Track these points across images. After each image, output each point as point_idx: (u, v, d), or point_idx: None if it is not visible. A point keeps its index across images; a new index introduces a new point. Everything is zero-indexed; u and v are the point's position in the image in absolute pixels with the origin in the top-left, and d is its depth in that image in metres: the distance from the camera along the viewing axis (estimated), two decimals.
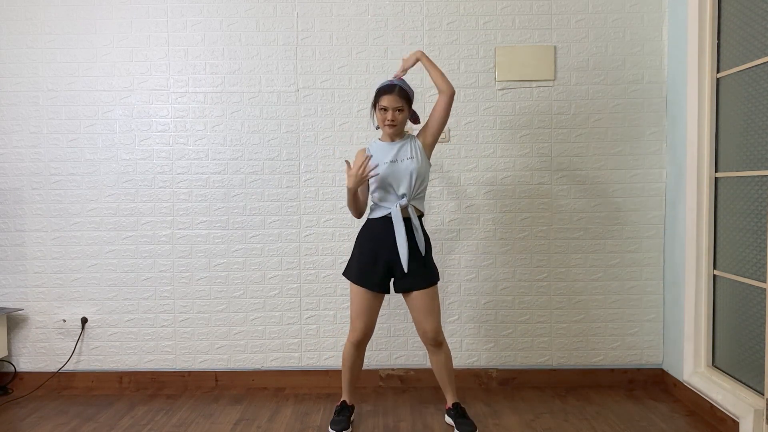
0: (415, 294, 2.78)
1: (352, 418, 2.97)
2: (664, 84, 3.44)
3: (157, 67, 3.50)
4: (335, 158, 3.48)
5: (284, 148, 3.50)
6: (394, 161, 2.76)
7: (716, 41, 3.00)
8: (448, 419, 2.96)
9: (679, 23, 3.24)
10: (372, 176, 2.74)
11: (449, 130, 3.47)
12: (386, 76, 3.44)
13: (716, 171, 3.02)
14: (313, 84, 3.48)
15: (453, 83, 3.44)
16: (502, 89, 3.47)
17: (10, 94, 3.51)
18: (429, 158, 2.84)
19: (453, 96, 2.78)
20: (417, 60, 2.85)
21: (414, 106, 3.39)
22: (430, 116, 2.84)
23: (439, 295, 3.49)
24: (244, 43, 3.48)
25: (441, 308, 3.49)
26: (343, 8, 3.46)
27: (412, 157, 2.77)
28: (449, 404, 2.95)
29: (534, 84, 3.46)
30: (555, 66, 3.45)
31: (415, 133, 2.91)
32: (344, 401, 2.98)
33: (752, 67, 2.73)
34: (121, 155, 3.51)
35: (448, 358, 2.89)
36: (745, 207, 2.82)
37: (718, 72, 3.00)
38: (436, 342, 2.82)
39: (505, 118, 3.47)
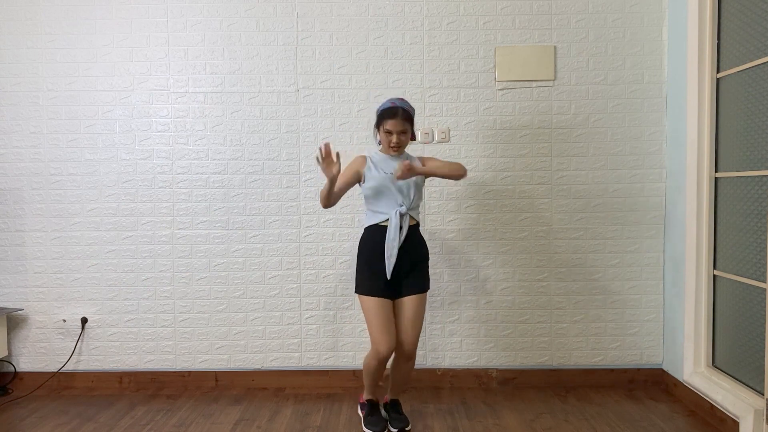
0: (407, 300, 2.77)
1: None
2: (664, 84, 3.44)
3: (157, 67, 3.50)
4: None
5: (284, 148, 3.50)
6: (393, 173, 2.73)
7: (716, 41, 3.00)
8: (383, 412, 3.00)
9: (679, 23, 3.24)
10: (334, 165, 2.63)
11: (449, 130, 3.47)
12: (386, 77, 3.44)
13: (716, 171, 3.02)
14: (313, 84, 3.48)
15: (453, 83, 3.46)
16: (502, 89, 3.47)
17: (10, 94, 3.51)
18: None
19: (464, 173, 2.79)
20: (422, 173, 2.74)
21: (413, 105, 3.40)
22: (435, 164, 2.79)
23: (440, 296, 3.49)
24: (244, 43, 3.48)
25: (441, 308, 3.50)
26: (343, 8, 3.46)
27: None
28: (387, 398, 3.02)
29: (534, 84, 3.46)
30: (555, 66, 3.45)
31: (414, 152, 2.90)
32: (371, 399, 2.99)
33: (752, 67, 2.73)
34: (121, 155, 3.51)
35: (412, 369, 2.90)
36: (745, 207, 2.82)
37: (718, 72, 3.00)
38: (409, 356, 2.80)
39: (505, 118, 3.47)
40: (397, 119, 2.73)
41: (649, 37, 3.44)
